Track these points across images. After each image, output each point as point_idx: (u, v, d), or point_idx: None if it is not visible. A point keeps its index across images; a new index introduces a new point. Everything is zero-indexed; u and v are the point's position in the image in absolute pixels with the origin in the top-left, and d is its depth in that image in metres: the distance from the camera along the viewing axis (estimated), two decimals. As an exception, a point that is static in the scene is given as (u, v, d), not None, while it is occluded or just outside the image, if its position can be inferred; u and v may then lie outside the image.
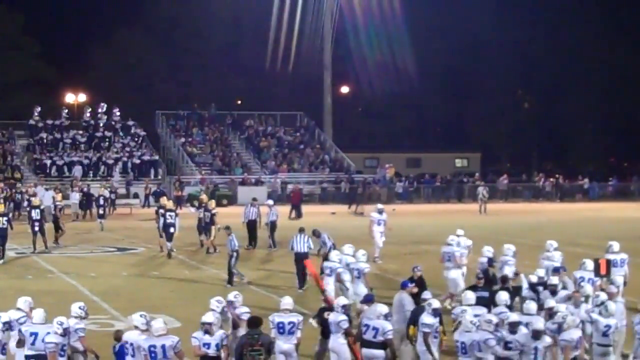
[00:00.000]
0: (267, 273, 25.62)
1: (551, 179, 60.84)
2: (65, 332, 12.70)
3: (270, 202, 32.39)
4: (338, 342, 13.92)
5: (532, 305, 14.28)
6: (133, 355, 12.62)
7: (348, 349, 13.95)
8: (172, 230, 28.57)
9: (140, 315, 12.95)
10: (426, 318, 13.94)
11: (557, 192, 59.58)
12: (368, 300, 14.88)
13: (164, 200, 31.26)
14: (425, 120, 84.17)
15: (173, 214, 29.09)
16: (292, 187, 46.93)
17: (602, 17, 73.51)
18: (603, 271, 18.22)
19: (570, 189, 60.66)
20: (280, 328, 13.79)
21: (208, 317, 13.03)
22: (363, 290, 18.17)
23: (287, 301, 14.11)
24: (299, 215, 43.23)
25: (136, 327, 12.85)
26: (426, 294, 15.23)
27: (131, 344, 12.66)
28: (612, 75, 73.92)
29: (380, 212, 28.08)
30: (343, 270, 19.20)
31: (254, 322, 12.86)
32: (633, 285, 20.29)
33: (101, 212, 38.46)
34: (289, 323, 13.80)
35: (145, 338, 12.51)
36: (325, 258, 20.98)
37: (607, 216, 44.84)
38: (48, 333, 12.65)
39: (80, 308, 13.36)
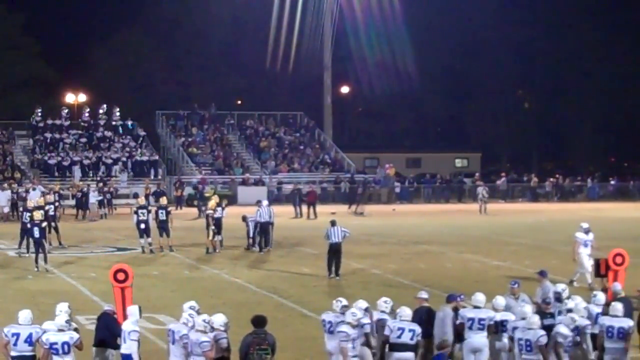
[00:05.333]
0: (266, 273, 25.61)
1: (551, 179, 60.82)
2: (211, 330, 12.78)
3: (265, 202, 32.22)
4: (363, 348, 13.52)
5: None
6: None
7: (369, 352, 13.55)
8: (142, 226, 28.95)
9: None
10: (562, 328, 13.49)
11: (557, 192, 59.55)
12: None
13: (163, 200, 31.31)
14: (425, 120, 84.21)
15: (145, 210, 29.30)
16: (307, 188, 47.22)
17: (602, 18, 73.53)
18: (603, 271, 18.20)
19: (571, 189, 60.62)
20: (331, 327, 13.64)
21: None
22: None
23: (362, 305, 13.75)
24: (314, 214, 43.54)
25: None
26: (422, 294, 14.99)
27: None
28: (612, 75, 73.93)
29: (586, 231, 24.20)
30: None
31: (260, 321, 12.67)
32: (634, 285, 20.25)
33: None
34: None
35: (189, 330, 12.72)
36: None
37: (607, 216, 44.82)
38: (31, 334, 12.66)
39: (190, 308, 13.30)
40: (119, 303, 14.07)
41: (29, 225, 26.70)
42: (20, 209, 34.38)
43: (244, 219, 30.55)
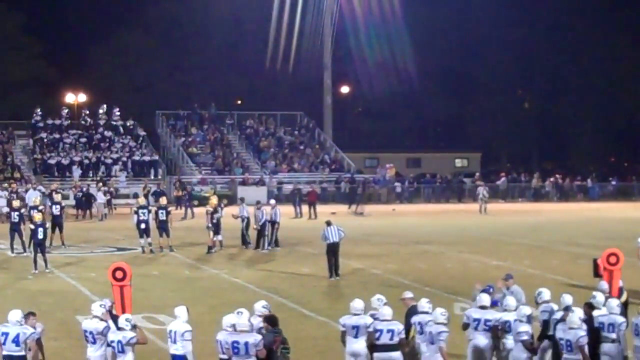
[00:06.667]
0: (266, 273, 25.60)
1: (551, 179, 60.82)
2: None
3: (272, 201, 32.19)
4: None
5: None
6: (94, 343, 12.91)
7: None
8: (142, 226, 29.04)
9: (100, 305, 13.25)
10: None
11: (557, 192, 59.56)
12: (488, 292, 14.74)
13: (163, 200, 31.30)
14: (425, 120, 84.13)
15: (146, 210, 29.38)
16: (309, 188, 47.35)
17: (602, 17, 73.52)
18: (601, 272, 18.19)
19: (571, 189, 60.62)
20: (356, 330, 13.54)
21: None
22: None
23: (358, 305, 13.62)
24: (315, 215, 43.61)
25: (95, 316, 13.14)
26: (408, 294, 14.88)
27: (90, 332, 12.96)
28: (612, 75, 73.93)
29: None
30: None
31: (276, 320, 12.72)
32: (634, 286, 20.26)
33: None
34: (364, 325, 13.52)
35: (229, 333, 12.44)
36: None
37: (607, 216, 44.83)
38: (18, 334, 12.58)
39: (264, 307, 13.33)
40: (118, 301, 14.04)
41: (32, 226, 26.42)
42: (7, 209, 34.20)
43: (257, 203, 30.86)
